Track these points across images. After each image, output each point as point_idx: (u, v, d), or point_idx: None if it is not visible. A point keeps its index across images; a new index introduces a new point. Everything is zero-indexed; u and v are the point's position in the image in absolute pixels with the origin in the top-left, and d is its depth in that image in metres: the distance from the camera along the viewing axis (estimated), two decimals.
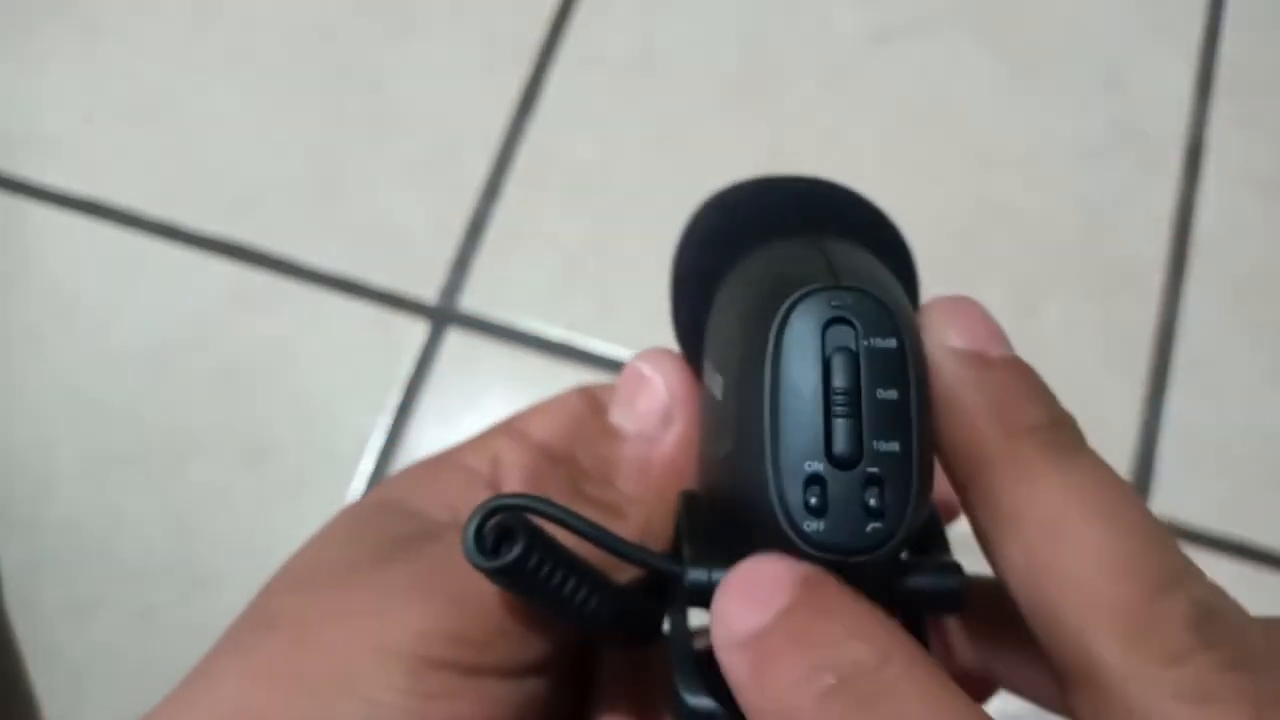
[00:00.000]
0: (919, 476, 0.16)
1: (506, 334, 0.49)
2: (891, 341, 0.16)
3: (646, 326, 0.49)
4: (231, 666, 0.20)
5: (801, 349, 0.16)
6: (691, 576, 0.18)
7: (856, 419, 0.16)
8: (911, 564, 0.18)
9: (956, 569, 0.18)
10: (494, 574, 0.18)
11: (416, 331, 0.49)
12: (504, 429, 0.23)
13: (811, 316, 0.17)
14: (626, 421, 0.22)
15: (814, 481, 0.16)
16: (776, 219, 0.20)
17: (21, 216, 0.51)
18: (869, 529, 0.16)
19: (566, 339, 0.49)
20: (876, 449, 0.16)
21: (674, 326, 0.22)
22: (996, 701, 0.22)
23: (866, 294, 0.17)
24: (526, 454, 0.23)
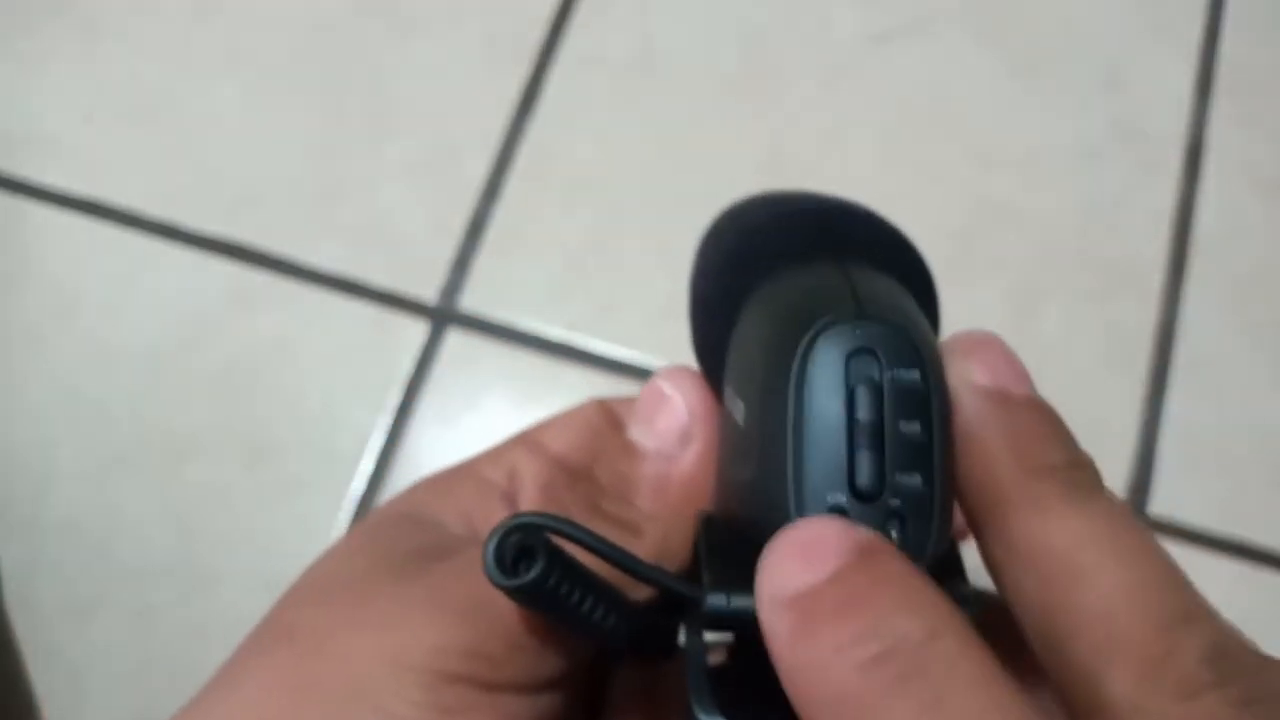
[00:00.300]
0: (940, 510, 0.16)
1: (507, 334, 0.49)
2: (915, 374, 0.16)
3: (646, 326, 0.49)
4: (248, 677, 0.20)
5: (825, 380, 0.16)
6: (711, 602, 0.18)
7: (879, 452, 0.16)
8: None
9: (974, 600, 0.18)
10: (513, 592, 0.18)
11: (416, 331, 0.49)
12: (520, 441, 0.24)
13: (835, 348, 0.16)
14: (645, 439, 0.22)
15: (836, 513, 0.16)
16: (799, 242, 0.20)
17: (21, 216, 0.51)
18: None
19: (566, 339, 0.49)
20: (898, 482, 0.16)
21: (694, 347, 0.22)
22: None
23: (890, 325, 0.17)
24: (543, 466, 0.23)
